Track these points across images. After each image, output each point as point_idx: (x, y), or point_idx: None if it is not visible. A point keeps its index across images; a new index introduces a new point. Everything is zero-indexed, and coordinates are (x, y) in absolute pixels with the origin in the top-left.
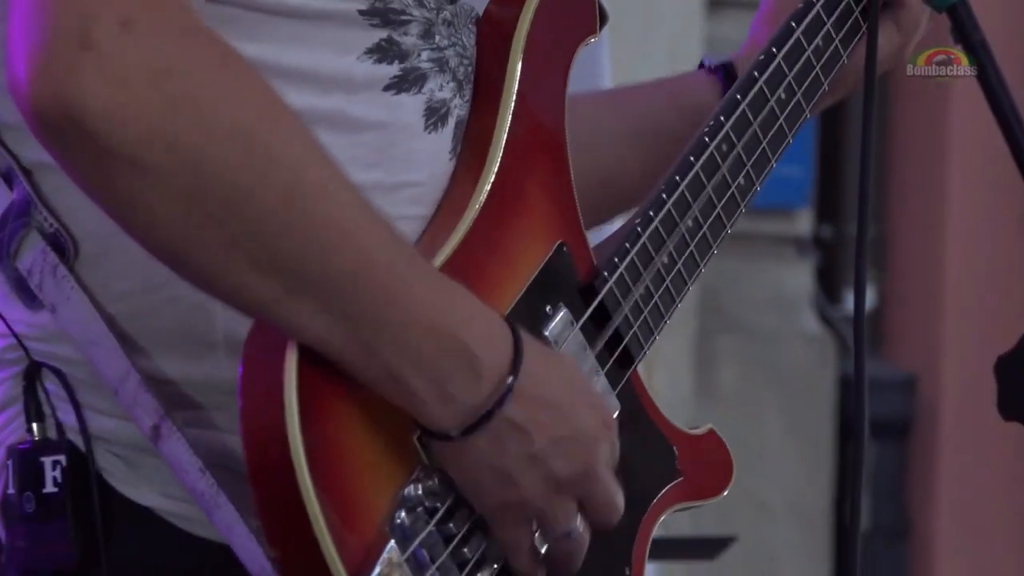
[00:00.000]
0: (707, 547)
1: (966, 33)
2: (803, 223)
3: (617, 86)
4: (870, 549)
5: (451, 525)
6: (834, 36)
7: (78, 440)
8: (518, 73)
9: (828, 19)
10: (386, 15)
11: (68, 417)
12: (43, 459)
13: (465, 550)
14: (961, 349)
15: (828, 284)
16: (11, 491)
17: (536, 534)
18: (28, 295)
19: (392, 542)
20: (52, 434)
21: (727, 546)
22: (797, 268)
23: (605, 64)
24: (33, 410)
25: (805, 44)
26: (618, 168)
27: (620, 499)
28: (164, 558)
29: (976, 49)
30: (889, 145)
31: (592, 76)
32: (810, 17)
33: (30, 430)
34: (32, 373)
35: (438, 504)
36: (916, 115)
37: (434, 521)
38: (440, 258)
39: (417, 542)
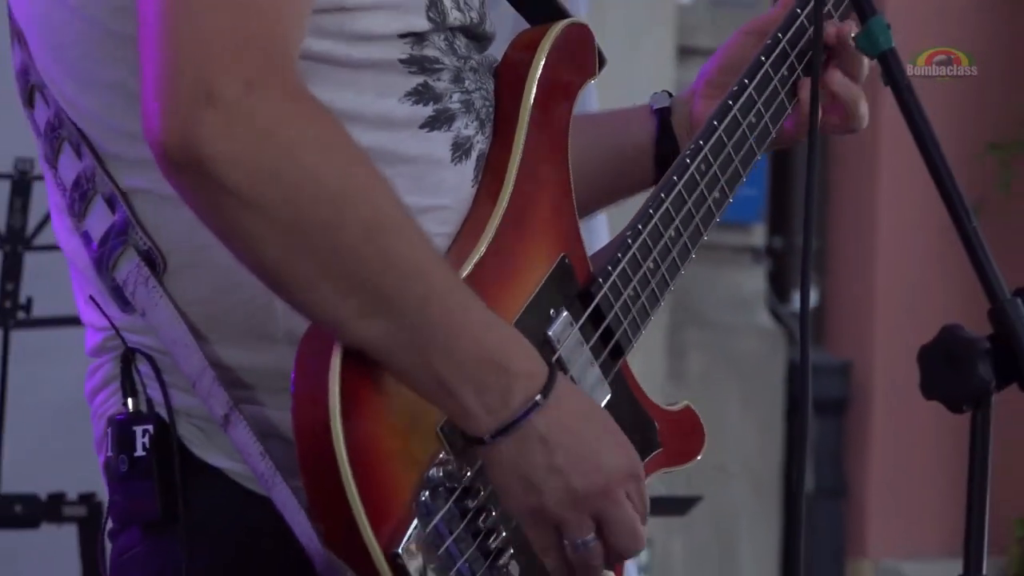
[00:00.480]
0: (679, 505)
1: (895, 77)
2: (757, 236)
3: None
4: (812, 507)
5: (467, 502)
6: (788, 77)
7: (163, 413)
8: (530, 111)
9: (791, 52)
10: (422, 63)
11: (156, 394)
12: (135, 428)
13: (479, 523)
14: (889, 340)
15: (778, 286)
16: (110, 454)
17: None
18: (123, 301)
19: (417, 519)
20: (143, 408)
21: (694, 504)
22: (752, 273)
23: (594, 104)
24: (128, 388)
25: (772, 75)
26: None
27: (640, 530)
28: (231, 512)
29: (903, 92)
30: (829, 169)
31: (583, 110)
32: (776, 53)
33: (125, 404)
34: (128, 357)
35: (455, 485)
36: (852, 145)
37: (452, 499)
38: (465, 270)
39: (438, 517)
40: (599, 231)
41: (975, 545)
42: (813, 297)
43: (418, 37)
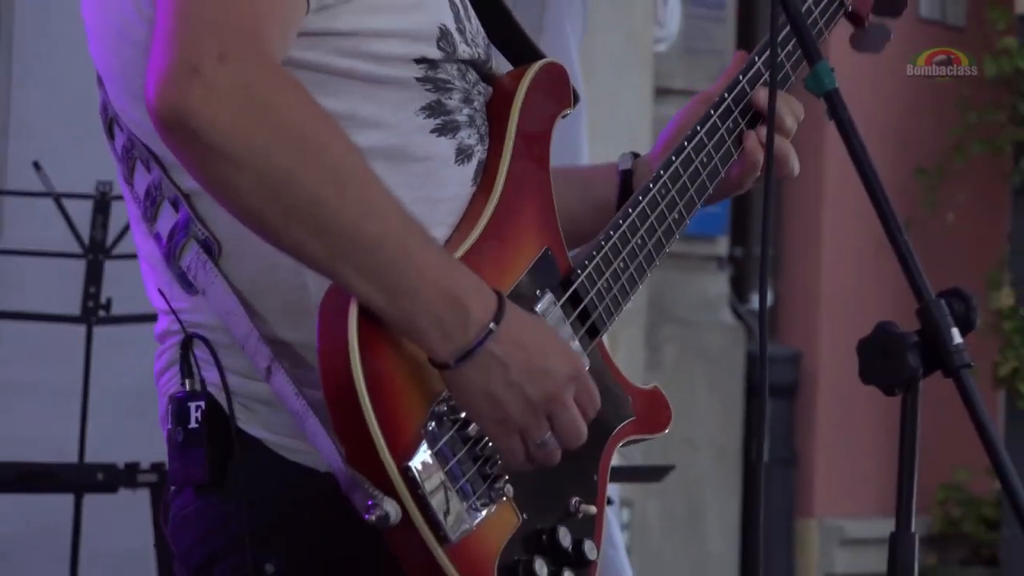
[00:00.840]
0: (655, 473)
1: (838, 114)
2: (721, 247)
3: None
4: (767, 475)
5: (468, 431)
6: (734, 129)
7: (214, 392)
8: (515, 127)
9: (735, 108)
10: (436, 83)
11: (208, 375)
12: (190, 404)
13: (478, 448)
14: (833, 334)
15: (739, 289)
16: (170, 427)
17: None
18: (187, 284)
19: (425, 442)
20: (197, 387)
21: (668, 472)
22: (717, 278)
23: (584, 143)
24: (185, 370)
25: (719, 125)
26: None
27: (582, 428)
28: (270, 476)
29: (845, 126)
30: (782, 190)
31: (574, 150)
32: (722, 108)
33: (183, 384)
34: (187, 344)
35: (458, 418)
36: (802, 169)
37: (455, 428)
38: (460, 252)
39: (443, 442)
40: None
41: (905, 506)
42: (769, 298)
43: (432, 63)
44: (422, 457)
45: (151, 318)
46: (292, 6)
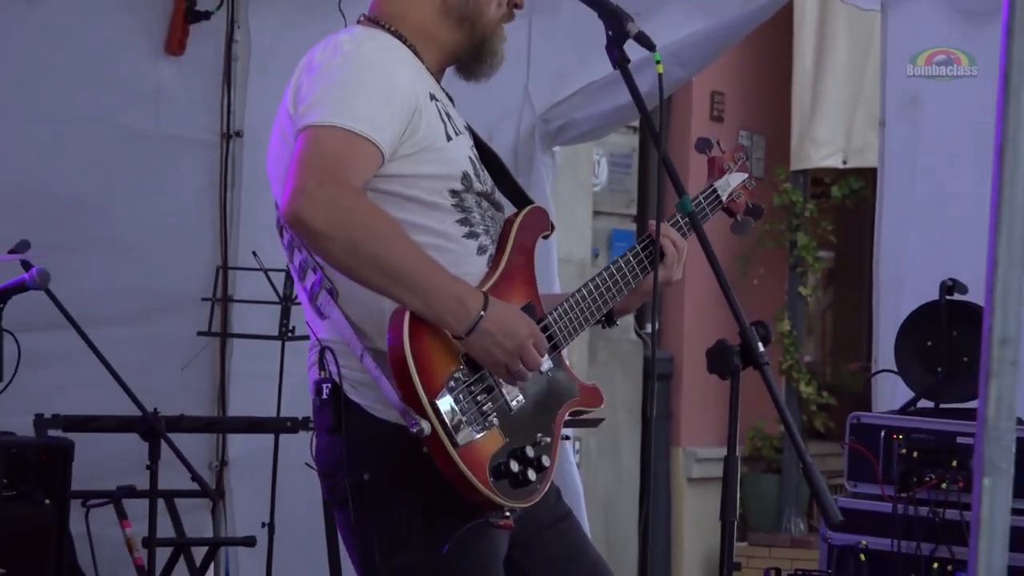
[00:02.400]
0: (593, 423)
1: (696, 225)
2: None
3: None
4: (656, 423)
5: (472, 386)
6: (636, 269)
7: (336, 378)
8: (513, 240)
9: (636, 260)
10: (463, 207)
11: (332, 369)
12: (323, 385)
13: (478, 396)
14: (690, 345)
15: (639, 321)
16: (313, 398)
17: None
18: (320, 314)
19: (446, 389)
20: (326, 375)
21: (600, 423)
22: (625, 317)
23: (554, 249)
24: (321, 365)
25: (625, 267)
26: None
27: (539, 359)
28: (363, 424)
29: (699, 229)
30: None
31: (549, 275)
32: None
33: (320, 373)
34: (321, 351)
35: (467, 379)
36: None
37: (465, 384)
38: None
39: (457, 391)
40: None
41: (732, 439)
42: (656, 323)
43: (458, 194)
44: (444, 397)
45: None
46: (370, 156)
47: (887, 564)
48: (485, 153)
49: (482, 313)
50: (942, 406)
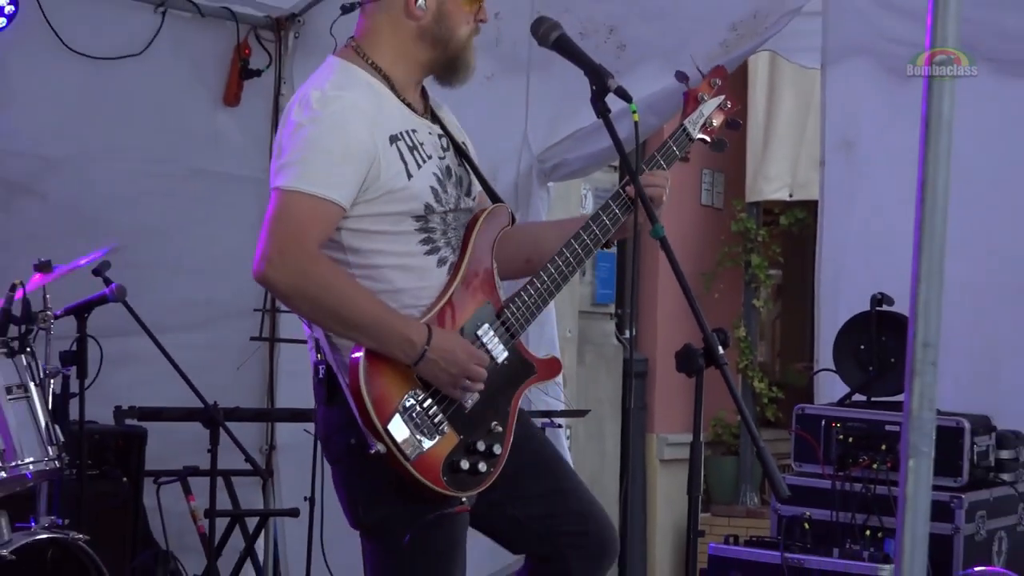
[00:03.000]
0: (581, 413)
1: (667, 248)
2: (611, 309)
3: (544, 221)
4: (634, 414)
5: (425, 404)
6: (617, 212)
7: (329, 362)
8: (472, 244)
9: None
10: (426, 228)
11: (326, 350)
12: (319, 366)
13: (430, 412)
14: (662, 349)
15: (620, 328)
16: (312, 376)
17: (458, 389)
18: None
19: (398, 413)
20: (322, 358)
21: (587, 413)
22: (610, 323)
23: None
24: (317, 348)
25: (603, 216)
26: (534, 256)
27: (482, 375)
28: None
29: (670, 253)
30: (639, 287)
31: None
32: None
33: (316, 357)
34: (317, 344)
35: (418, 400)
36: (646, 270)
37: (418, 403)
38: (438, 307)
39: (409, 412)
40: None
41: (697, 426)
42: (633, 330)
43: (422, 218)
44: (395, 420)
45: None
46: (331, 213)
47: (827, 532)
48: (462, 155)
49: (426, 347)
50: (873, 399)
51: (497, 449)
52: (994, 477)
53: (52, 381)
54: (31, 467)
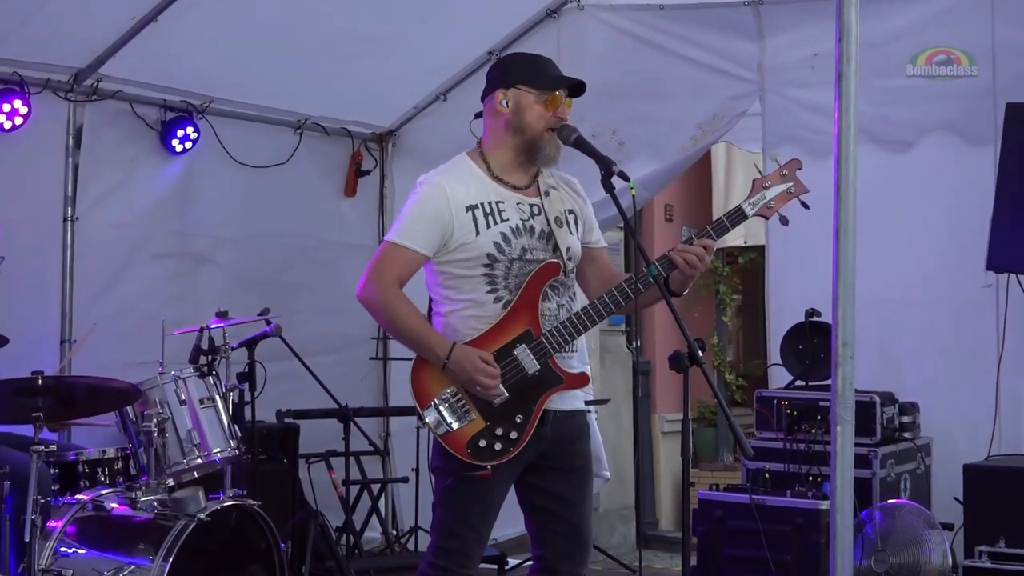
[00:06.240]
0: (603, 402)
1: (660, 286)
2: (622, 328)
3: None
4: (638, 403)
5: (455, 397)
6: (628, 291)
7: None
8: (523, 289)
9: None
10: (492, 275)
11: None
12: None
13: (460, 403)
14: (659, 355)
15: (628, 339)
16: None
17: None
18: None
19: (434, 402)
20: None
21: (607, 401)
22: (621, 336)
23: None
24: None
25: (618, 293)
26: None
27: (491, 384)
28: None
29: (657, 280)
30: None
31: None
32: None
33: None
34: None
35: (454, 390)
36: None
37: (449, 399)
38: (484, 330)
39: (442, 404)
40: None
41: (685, 409)
42: (638, 342)
43: (488, 266)
44: (432, 409)
45: None
46: (412, 259)
47: (782, 479)
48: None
49: (446, 359)
50: (809, 384)
51: (514, 435)
52: (898, 435)
53: (231, 394)
54: (219, 455)
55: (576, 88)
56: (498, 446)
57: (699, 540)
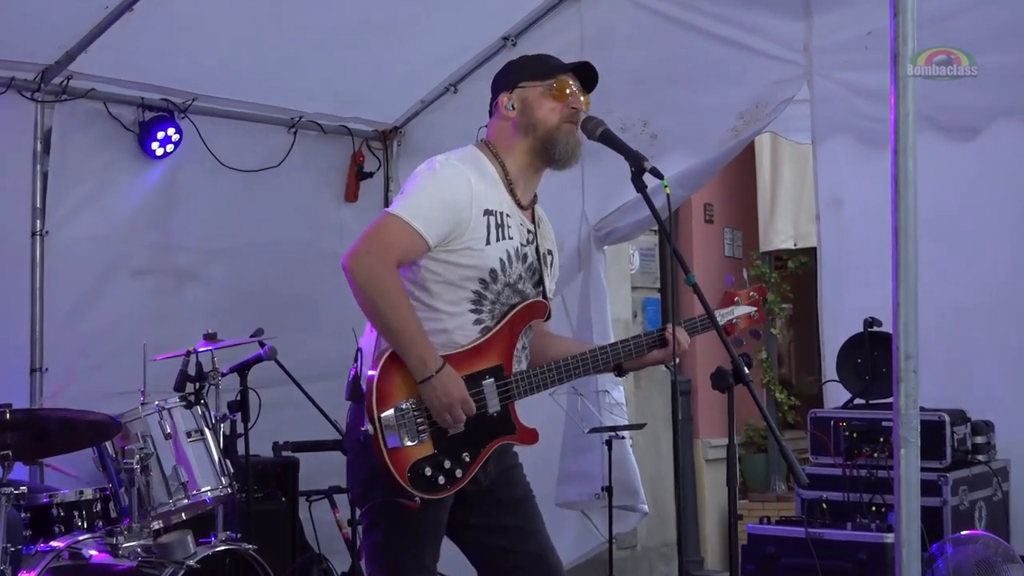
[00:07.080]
0: (639, 426)
1: (698, 292)
2: None
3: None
4: (681, 425)
5: (415, 413)
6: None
7: (358, 370)
8: (506, 321)
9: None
10: (480, 293)
11: (359, 364)
12: (351, 371)
13: (417, 421)
14: (701, 372)
15: None
16: (347, 380)
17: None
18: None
19: (392, 410)
20: (357, 368)
21: (644, 426)
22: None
23: (609, 325)
24: (355, 359)
25: (630, 342)
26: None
27: (462, 416)
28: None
29: (701, 296)
30: (680, 309)
31: (605, 330)
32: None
33: (353, 365)
34: (358, 350)
35: (416, 404)
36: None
37: (408, 411)
38: (461, 350)
39: (401, 413)
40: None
41: (731, 432)
42: (677, 361)
43: (484, 283)
44: (388, 414)
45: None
46: (415, 242)
47: (841, 509)
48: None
49: (434, 374)
50: (870, 402)
51: (458, 473)
52: (971, 458)
53: (222, 425)
54: (209, 494)
55: (589, 79)
56: (441, 479)
57: None
